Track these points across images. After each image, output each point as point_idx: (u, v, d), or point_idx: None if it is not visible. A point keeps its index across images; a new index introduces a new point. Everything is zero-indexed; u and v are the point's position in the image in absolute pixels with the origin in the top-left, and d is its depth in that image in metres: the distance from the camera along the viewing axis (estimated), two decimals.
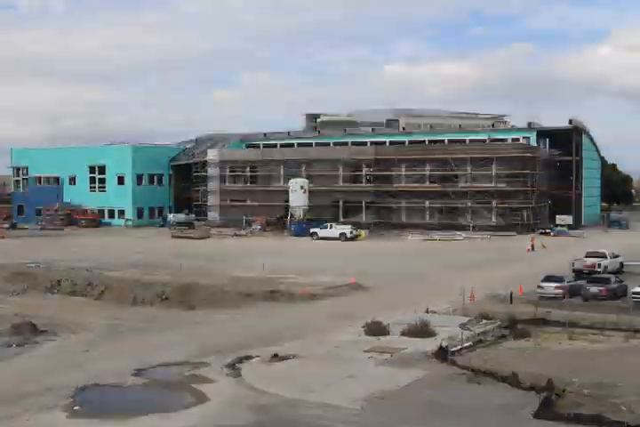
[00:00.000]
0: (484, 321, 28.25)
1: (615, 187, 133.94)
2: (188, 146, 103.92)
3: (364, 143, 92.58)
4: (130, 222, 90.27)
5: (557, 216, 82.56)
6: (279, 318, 31.26)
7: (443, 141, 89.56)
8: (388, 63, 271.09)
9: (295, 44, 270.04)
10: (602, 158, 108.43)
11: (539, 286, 34.45)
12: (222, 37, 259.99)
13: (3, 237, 71.17)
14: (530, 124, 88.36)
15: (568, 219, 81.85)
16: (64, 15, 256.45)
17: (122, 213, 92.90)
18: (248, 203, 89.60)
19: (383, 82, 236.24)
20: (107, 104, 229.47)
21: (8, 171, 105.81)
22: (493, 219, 78.24)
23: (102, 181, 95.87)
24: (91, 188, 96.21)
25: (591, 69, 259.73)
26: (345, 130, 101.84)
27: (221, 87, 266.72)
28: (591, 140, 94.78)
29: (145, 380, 21.58)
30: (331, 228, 71.55)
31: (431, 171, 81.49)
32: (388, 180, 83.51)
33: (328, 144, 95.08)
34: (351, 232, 69.99)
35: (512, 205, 77.24)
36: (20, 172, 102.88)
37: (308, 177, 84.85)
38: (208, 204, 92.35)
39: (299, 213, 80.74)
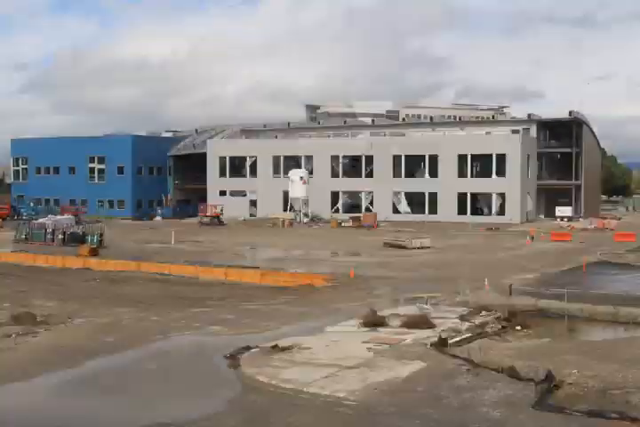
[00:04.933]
0: (484, 313, 28.26)
1: (615, 179, 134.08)
2: (187, 137, 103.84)
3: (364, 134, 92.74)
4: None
5: (557, 208, 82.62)
6: (277, 309, 31.29)
7: (442, 133, 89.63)
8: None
9: None
10: (602, 150, 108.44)
11: None
12: None
13: None
14: (530, 115, 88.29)
15: (567, 211, 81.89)
16: None
17: (121, 203, 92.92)
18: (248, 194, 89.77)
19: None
20: None
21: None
22: (493, 211, 78.29)
23: (102, 171, 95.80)
24: (90, 178, 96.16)
25: None
26: (345, 121, 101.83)
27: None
28: (591, 131, 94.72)
29: None
30: None
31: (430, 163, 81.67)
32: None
33: (328, 135, 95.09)
34: None
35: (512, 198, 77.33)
36: (20, 162, 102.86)
37: (308, 168, 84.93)
38: (207, 195, 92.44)
39: (299, 205, 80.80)
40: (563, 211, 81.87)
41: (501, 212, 78.09)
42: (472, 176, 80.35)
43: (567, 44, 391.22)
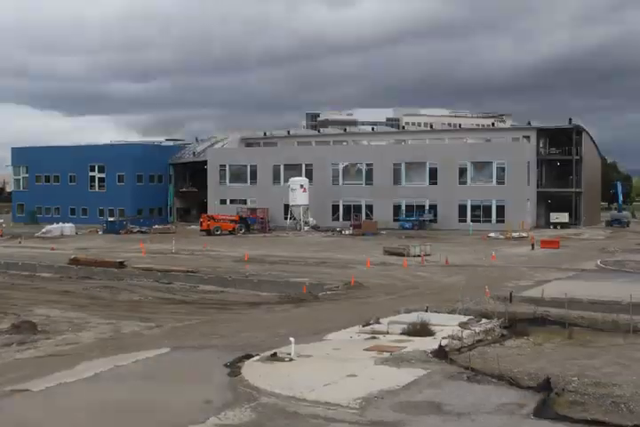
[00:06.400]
0: (484, 320, 28.26)
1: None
2: (188, 145, 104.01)
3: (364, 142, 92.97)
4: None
5: (552, 214, 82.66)
6: (278, 317, 31.32)
7: (443, 140, 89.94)
8: None
9: None
10: (602, 157, 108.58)
11: None
12: None
13: None
14: (530, 122, 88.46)
15: (563, 216, 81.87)
16: None
17: (122, 212, 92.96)
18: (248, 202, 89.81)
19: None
20: None
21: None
22: (493, 218, 78.33)
23: (102, 179, 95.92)
24: (90, 186, 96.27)
25: None
26: (345, 129, 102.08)
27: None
28: (591, 139, 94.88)
29: None
30: None
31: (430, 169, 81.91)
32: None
33: (328, 143, 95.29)
34: None
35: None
36: (20, 170, 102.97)
37: (308, 176, 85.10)
38: (208, 203, 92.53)
39: (299, 213, 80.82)
40: (559, 217, 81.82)
41: (501, 220, 78.07)
42: (472, 184, 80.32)
43: None
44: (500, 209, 78.62)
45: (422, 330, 26.16)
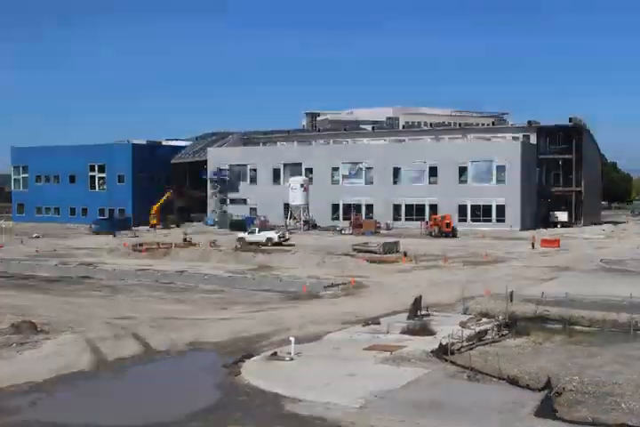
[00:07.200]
0: (484, 319, 28.24)
1: (615, 185, 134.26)
2: (188, 144, 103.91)
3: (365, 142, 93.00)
4: None
5: (551, 213, 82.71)
6: (278, 316, 31.27)
7: (443, 139, 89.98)
8: None
9: None
10: (602, 156, 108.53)
11: None
12: None
13: None
14: (530, 122, 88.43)
15: (563, 215, 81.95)
16: None
17: (122, 211, 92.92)
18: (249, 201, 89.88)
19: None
20: None
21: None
22: (493, 218, 78.33)
23: (102, 179, 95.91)
24: (91, 186, 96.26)
25: None
26: (345, 128, 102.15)
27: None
28: (591, 138, 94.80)
29: None
30: (258, 232, 65.94)
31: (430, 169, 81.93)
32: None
33: (328, 143, 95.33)
34: (279, 237, 64.09)
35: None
36: (20, 170, 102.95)
37: (308, 176, 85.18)
38: (208, 202, 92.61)
39: (299, 212, 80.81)
40: (559, 216, 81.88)
41: (501, 219, 78.04)
42: (472, 183, 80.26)
43: None
44: (500, 208, 78.56)
45: (422, 329, 26.14)
